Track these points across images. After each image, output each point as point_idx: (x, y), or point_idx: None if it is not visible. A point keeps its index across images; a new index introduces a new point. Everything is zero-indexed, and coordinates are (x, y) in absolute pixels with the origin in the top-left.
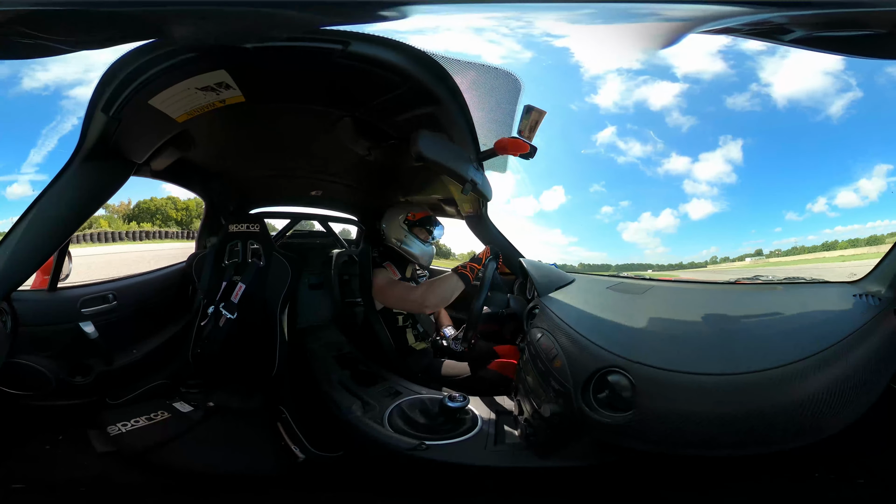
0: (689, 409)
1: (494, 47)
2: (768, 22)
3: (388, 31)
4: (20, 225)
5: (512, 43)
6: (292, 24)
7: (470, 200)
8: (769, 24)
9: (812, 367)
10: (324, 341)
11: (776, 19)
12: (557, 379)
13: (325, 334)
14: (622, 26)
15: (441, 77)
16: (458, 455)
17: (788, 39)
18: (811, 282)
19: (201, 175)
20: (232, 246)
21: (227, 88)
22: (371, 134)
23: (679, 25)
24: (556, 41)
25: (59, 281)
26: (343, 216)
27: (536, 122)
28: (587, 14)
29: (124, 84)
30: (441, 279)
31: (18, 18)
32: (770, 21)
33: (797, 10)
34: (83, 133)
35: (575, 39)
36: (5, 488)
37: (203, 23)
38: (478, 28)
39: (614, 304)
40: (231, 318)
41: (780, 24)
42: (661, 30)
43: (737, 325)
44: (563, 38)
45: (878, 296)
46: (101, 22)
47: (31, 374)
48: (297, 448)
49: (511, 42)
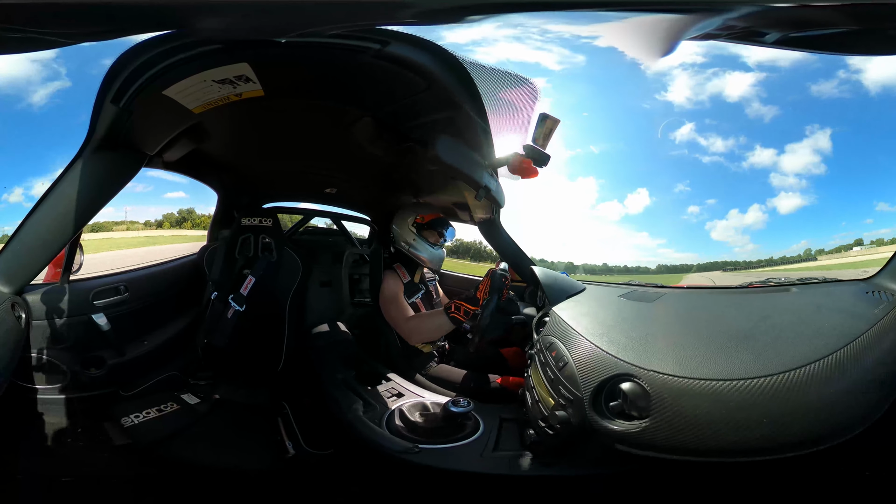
0: (706, 416)
1: (543, 54)
2: (745, 25)
3: (420, 31)
4: (31, 218)
5: (559, 48)
6: (337, 19)
7: (483, 206)
8: (745, 27)
9: (829, 367)
10: (330, 339)
11: (751, 21)
12: (567, 387)
13: (333, 333)
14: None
15: (465, 82)
16: (452, 460)
17: (770, 41)
18: (824, 281)
19: (214, 167)
20: (244, 239)
21: (246, 82)
22: (389, 135)
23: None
24: (595, 41)
25: (71, 273)
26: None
27: (551, 131)
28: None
29: (136, 74)
30: (431, 315)
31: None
32: (747, 24)
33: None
34: (92, 124)
35: (612, 39)
36: (33, 481)
37: (238, 15)
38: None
39: (626, 312)
40: (239, 310)
41: (756, 27)
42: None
43: (751, 329)
44: (598, 38)
45: (891, 292)
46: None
47: (47, 367)
48: (291, 444)
49: (557, 47)
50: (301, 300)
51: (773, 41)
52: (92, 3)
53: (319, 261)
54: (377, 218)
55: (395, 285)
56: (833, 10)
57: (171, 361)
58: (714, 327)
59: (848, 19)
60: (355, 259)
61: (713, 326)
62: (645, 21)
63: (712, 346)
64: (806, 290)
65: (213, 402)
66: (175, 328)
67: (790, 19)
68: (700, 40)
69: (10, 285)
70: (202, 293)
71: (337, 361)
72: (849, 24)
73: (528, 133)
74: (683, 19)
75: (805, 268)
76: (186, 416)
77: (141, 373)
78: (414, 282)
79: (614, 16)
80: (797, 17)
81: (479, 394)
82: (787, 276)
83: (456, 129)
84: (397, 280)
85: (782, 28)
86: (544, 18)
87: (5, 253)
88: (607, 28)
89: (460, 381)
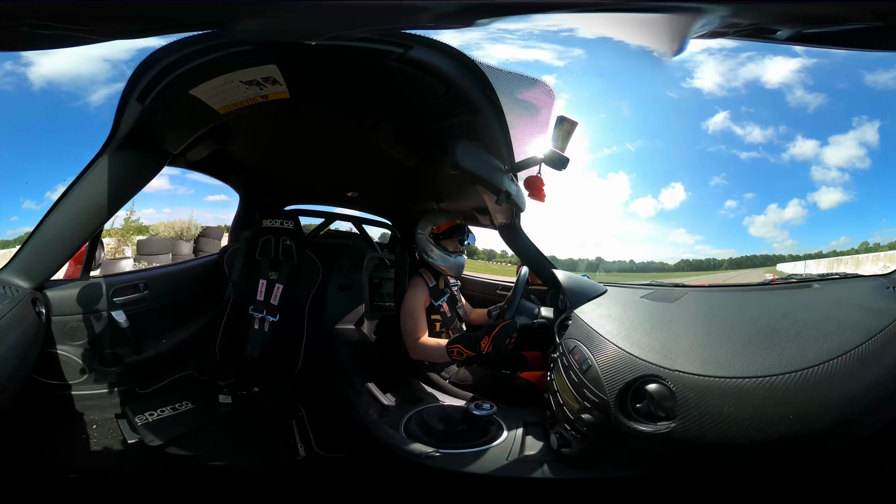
0: (733, 414)
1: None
2: (748, 23)
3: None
4: (52, 214)
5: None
6: (364, 22)
7: (503, 211)
8: (749, 24)
9: (851, 362)
10: (349, 343)
11: (753, 18)
12: (592, 390)
13: (351, 336)
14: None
15: (483, 86)
16: (475, 465)
17: (783, 38)
18: (845, 277)
19: (237, 168)
20: (265, 241)
21: (273, 84)
22: (409, 139)
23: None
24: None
25: (91, 270)
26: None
27: (569, 133)
28: None
29: (165, 72)
30: (436, 346)
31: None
32: (749, 21)
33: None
34: (116, 122)
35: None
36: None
37: (273, 17)
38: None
39: (649, 312)
40: (274, 321)
41: (762, 24)
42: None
43: (773, 326)
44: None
45: None
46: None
47: (65, 363)
48: (303, 447)
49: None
50: (320, 303)
51: (787, 38)
52: (133, 3)
53: (339, 264)
54: (398, 222)
55: (419, 296)
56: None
57: (188, 361)
58: (736, 325)
59: (861, 14)
60: (376, 264)
61: (736, 325)
62: (645, 20)
63: (735, 344)
64: (827, 286)
65: (236, 401)
66: (193, 327)
67: (796, 15)
68: (707, 38)
69: (31, 281)
70: (222, 293)
71: (354, 365)
72: (866, 21)
73: (547, 135)
74: (680, 18)
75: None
76: (201, 416)
77: (158, 371)
78: (439, 287)
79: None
80: (804, 14)
81: (502, 392)
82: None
83: (475, 133)
84: (423, 288)
85: (792, 25)
86: (555, 19)
87: (26, 248)
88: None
89: (482, 383)
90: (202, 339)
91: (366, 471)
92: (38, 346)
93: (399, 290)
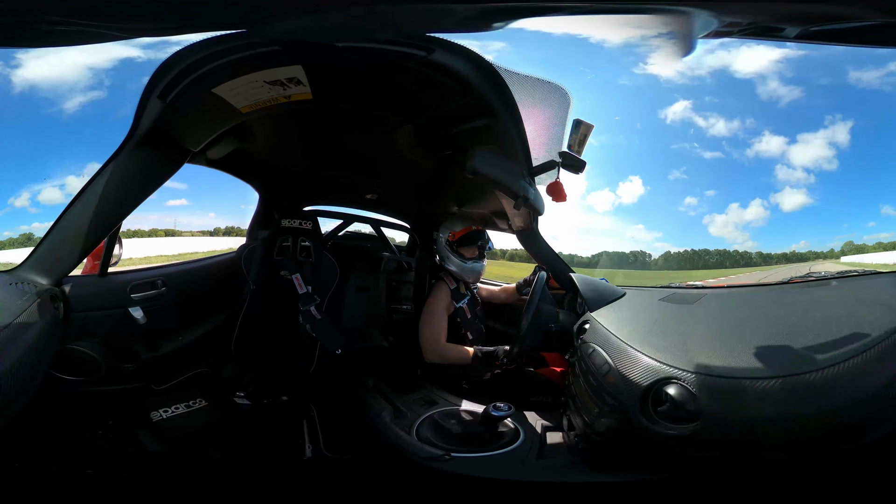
0: (756, 414)
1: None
2: (750, 21)
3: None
4: (69, 211)
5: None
6: (395, 25)
7: (522, 215)
8: (752, 23)
9: (871, 359)
10: (365, 344)
11: (757, 17)
12: (611, 394)
13: (367, 337)
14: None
15: (500, 89)
16: (491, 469)
17: (792, 36)
18: (863, 274)
19: (256, 167)
20: (283, 241)
21: (296, 84)
22: (428, 143)
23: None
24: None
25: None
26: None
27: (585, 136)
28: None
29: (188, 70)
30: (460, 350)
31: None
32: (753, 19)
33: None
34: (136, 118)
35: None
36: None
37: (304, 18)
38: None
39: (667, 314)
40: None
41: (768, 23)
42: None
43: (794, 324)
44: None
45: None
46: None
47: (84, 359)
48: (311, 447)
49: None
50: (337, 304)
51: (796, 36)
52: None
53: (357, 266)
54: (417, 226)
55: (442, 301)
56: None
57: (204, 358)
58: (756, 325)
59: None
60: (394, 266)
61: (755, 325)
62: (646, 20)
63: (755, 344)
64: (845, 283)
65: (253, 401)
66: (210, 325)
67: (802, 14)
68: (712, 38)
69: (48, 277)
70: (239, 291)
71: (369, 366)
72: (877, 17)
73: (563, 139)
74: (679, 17)
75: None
76: (214, 413)
77: (173, 368)
78: (460, 291)
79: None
80: (810, 12)
81: (519, 387)
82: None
83: (493, 137)
84: (446, 292)
85: (799, 23)
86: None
87: (44, 244)
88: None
89: (500, 379)
90: (218, 336)
91: (370, 473)
92: (56, 342)
93: (419, 294)
